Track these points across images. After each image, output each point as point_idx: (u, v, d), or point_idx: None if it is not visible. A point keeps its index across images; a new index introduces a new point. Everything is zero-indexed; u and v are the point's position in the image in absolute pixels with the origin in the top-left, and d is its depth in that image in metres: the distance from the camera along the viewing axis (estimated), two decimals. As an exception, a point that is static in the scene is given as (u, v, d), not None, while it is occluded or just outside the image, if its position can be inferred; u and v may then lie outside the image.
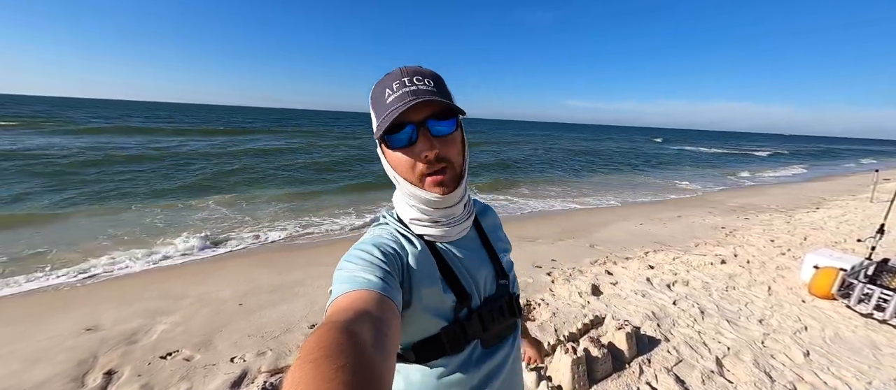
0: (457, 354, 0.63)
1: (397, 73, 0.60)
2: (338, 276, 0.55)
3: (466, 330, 0.63)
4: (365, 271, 0.54)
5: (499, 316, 0.68)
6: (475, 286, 0.66)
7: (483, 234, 0.73)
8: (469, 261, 0.67)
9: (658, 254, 4.54)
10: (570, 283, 3.51)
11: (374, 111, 0.61)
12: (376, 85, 0.62)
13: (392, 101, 0.58)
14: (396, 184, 0.65)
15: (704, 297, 3.20)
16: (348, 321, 0.42)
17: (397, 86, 0.58)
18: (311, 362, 0.32)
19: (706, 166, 19.51)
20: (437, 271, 0.63)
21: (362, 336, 0.40)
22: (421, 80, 0.59)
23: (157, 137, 19.58)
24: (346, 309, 0.46)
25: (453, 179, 0.61)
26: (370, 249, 0.59)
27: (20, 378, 2.20)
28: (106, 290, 3.61)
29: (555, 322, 2.72)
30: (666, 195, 10.38)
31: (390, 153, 0.61)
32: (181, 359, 2.42)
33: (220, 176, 10.17)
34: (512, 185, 10.97)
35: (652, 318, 2.76)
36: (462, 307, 0.63)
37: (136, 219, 6.06)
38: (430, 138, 0.58)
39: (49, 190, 7.67)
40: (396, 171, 0.62)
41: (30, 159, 10.68)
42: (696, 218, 7.04)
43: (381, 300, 0.49)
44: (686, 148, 35.70)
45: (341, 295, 0.50)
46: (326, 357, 0.33)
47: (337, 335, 0.37)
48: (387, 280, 0.54)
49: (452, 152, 0.61)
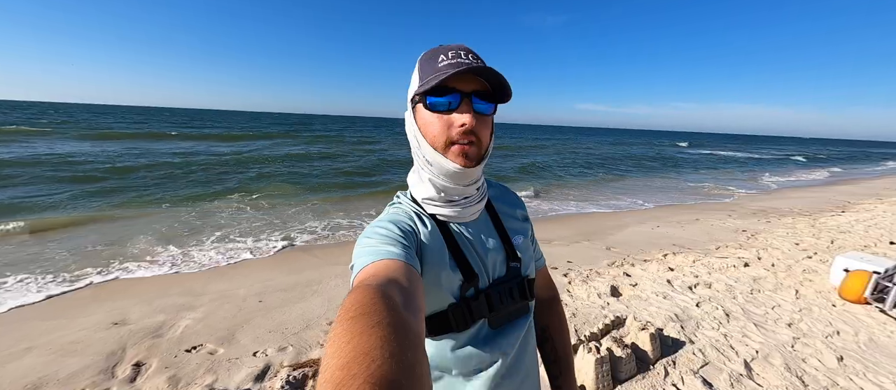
0: (463, 332, 0.64)
1: (456, 45, 0.62)
2: (359, 251, 0.57)
3: (472, 310, 0.64)
4: (385, 243, 0.55)
5: (508, 298, 0.68)
6: (483, 267, 0.67)
7: (496, 217, 0.74)
8: (479, 242, 0.68)
9: (677, 257, 4.44)
10: (588, 284, 3.47)
11: (421, 72, 0.62)
12: (429, 50, 0.64)
13: (446, 67, 0.59)
14: (418, 151, 0.65)
15: (728, 300, 3.12)
16: (379, 284, 0.43)
17: (453, 55, 0.60)
18: (349, 319, 0.34)
19: (724, 169, 19.05)
20: (447, 250, 0.64)
21: (394, 297, 0.41)
22: (476, 58, 0.61)
23: (188, 143, 19.87)
24: (374, 275, 0.47)
25: (477, 156, 0.62)
26: (387, 225, 0.60)
27: (54, 368, 2.27)
28: (133, 287, 3.72)
29: (574, 322, 2.69)
30: (683, 198, 10.17)
31: (424, 114, 0.62)
32: (206, 353, 2.47)
33: (250, 180, 10.32)
34: (528, 188, 10.91)
35: (675, 320, 2.70)
36: (469, 287, 0.64)
37: (222, 220, 6.21)
38: (473, 110, 0.59)
39: (100, 192, 7.94)
40: (424, 134, 0.62)
41: (81, 165, 10.93)
42: (716, 221, 6.87)
43: (406, 267, 0.51)
44: (703, 151, 34.83)
45: (366, 265, 0.52)
46: (363, 314, 0.35)
47: (372, 295, 0.39)
48: (407, 250, 0.55)
49: (484, 132, 0.62)
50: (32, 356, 2.42)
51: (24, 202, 6.86)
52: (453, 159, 0.61)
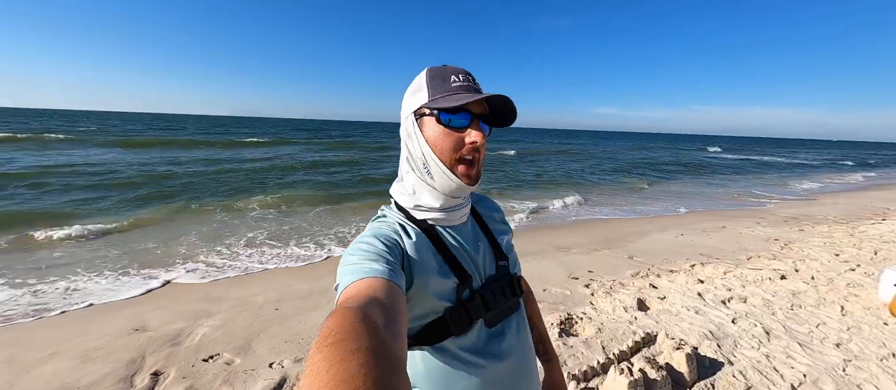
0: (462, 335, 0.65)
1: (462, 70, 0.67)
2: (342, 270, 0.57)
3: (470, 311, 0.66)
4: (367, 260, 0.56)
5: (500, 296, 0.71)
6: (475, 267, 0.69)
7: (480, 219, 0.77)
8: (469, 244, 0.71)
9: (706, 268, 4.22)
10: (613, 296, 3.31)
11: (431, 87, 0.65)
12: (435, 68, 0.67)
13: (458, 89, 0.64)
14: (422, 160, 0.66)
15: (767, 316, 2.91)
16: (360, 306, 0.43)
17: (463, 78, 0.65)
18: (328, 345, 0.33)
19: (751, 174, 18.31)
20: (438, 255, 0.66)
21: (375, 319, 0.41)
22: (477, 85, 0.67)
23: (215, 150, 20.00)
24: (356, 296, 0.48)
25: (478, 174, 0.67)
26: (370, 240, 0.61)
27: (75, 375, 2.28)
28: (156, 293, 3.77)
29: (601, 338, 2.55)
30: (708, 204, 9.79)
31: (434, 127, 0.65)
32: (223, 363, 2.44)
33: (279, 186, 10.35)
34: (549, 193, 10.72)
35: (710, 338, 2.53)
36: (464, 288, 0.66)
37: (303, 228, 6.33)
38: (481, 129, 0.65)
39: (144, 199, 8.19)
40: (433, 147, 0.65)
41: (110, 174, 11.18)
42: (744, 229, 6.55)
43: (388, 285, 0.51)
44: (737, 156, 33.41)
45: (348, 285, 0.52)
46: (343, 340, 0.34)
47: (352, 319, 0.38)
48: (390, 266, 0.56)
49: (483, 151, 0.67)
50: (57, 361, 2.44)
51: (78, 207, 7.19)
52: (459, 176, 0.65)
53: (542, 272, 4.18)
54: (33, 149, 16.18)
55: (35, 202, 7.55)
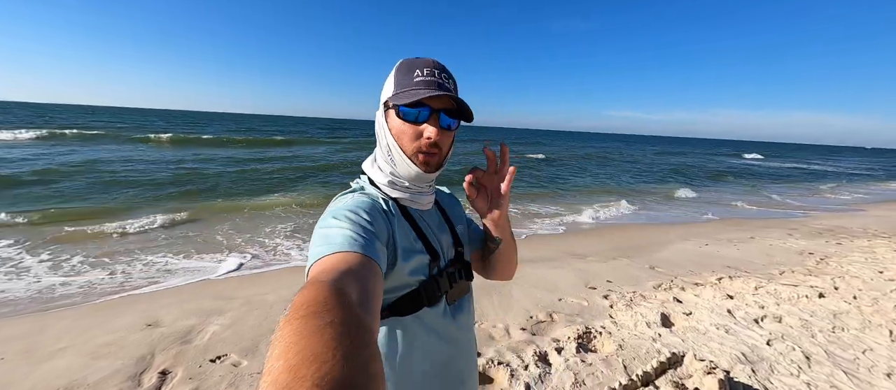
0: (433, 306, 0.70)
1: (430, 62, 0.69)
2: (320, 236, 0.56)
3: (440, 285, 0.72)
4: (348, 230, 0.56)
5: (458, 277, 0.77)
6: (441, 248, 0.75)
7: (442, 210, 0.83)
8: (435, 227, 0.77)
9: (735, 282, 3.96)
10: (633, 310, 3.13)
11: (396, 80, 0.69)
12: (405, 61, 0.70)
13: (420, 82, 0.66)
14: (387, 148, 0.71)
15: (806, 339, 2.68)
16: (334, 280, 0.43)
17: (428, 72, 0.67)
18: (299, 318, 0.33)
19: (780, 182, 17.46)
20: (413, 232, 0.71)
21: (348, 293, 0.40)
22: (447, 79, 0.69)
23: (236, 150, 19.81)
24: (331, 269, 0.47)
25: (437, 164, 0.70)
26: (355, 209, 0.62)
27: (85, 371, 2.29)
28: (172, 287, 3.80)
29: (623, 356, 2.39)
30: (732, 213, 9.34)
31: (396, 120, 0.68)
32: (230, 364, 2.41)
33: (306, 184, 10.48)
34: (563, 196, 10.47)
35: (743, 361, 2.33)
36: (434, 265, 0.71)
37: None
38: (439, 126, 0.67)
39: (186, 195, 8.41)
40: (395, 138, 0.69)
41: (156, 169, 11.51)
42: (774, 240, 6.18)
43: (365, 260, 0.51)
44: (772, 163, 31.85)
45: (325, 255, 0.51)
46: (315, 314, 0.33)
47: (325, 292, 0.37)
48: (371, 239, 0.56)
49: (446, 143, 0.70)
50: (68, 356, 2.46)
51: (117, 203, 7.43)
52: (417, 164, 0.69)
53: (557, 280, 4.02)
54: (76, 144, 16.98)
55: (101, 195, 7.92)
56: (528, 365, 2.26)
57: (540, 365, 2.25)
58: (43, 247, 4.74)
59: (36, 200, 7.20)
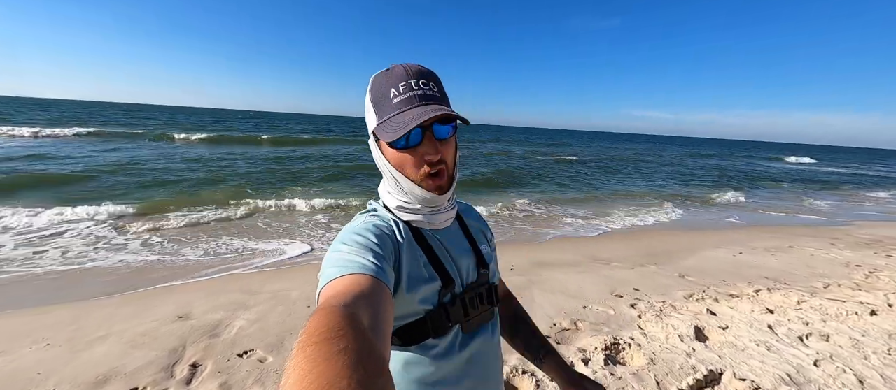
0: (440, 337, 0.65)
1: (402, 72, 0.62)
2: (332, 259, 0.56)
3: (450, 314, 0.66)
4: (359, 255, 0.55)
5: (479, 303, 0.71)
6: (458, 272, 0.69)
7: (465, 227, 0.78)
8: (453, 248, 0.71)
9: (774, 295, 3.72)
10: (664, 321, 2.99)
11: (375, 106, 0.63)
12: (377, 78, 0.64)
13: (400, 103, 0.60)
14: (390, 177, 0.67)
15: (858, 360, 2.48)
16: (346, 304, 0.43)
17: (404, 87, 0.61)
18: (312, 345, 0.33)
19: (820, 186, 16.41)
20: (424, 256, 0.66)
21: (360, 319, 0.40)
22: (426, 84, 0.62)
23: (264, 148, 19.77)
24: (343, 292, 0.47)
25: (449, 180, 0.65)
26: (364, 233, 0.60)
27: (123, 360, 2.39)
28: (203, 279, 3.94)
29: (654, 371, 2.27)
30: (766, 220, 8.84)
31: (390, 151, 0.63)
32: (256, 360, 2.46)
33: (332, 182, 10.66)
34: (580, 200, 10.22)
35: (788, 383, 2.18)
36: (446, 292, 0.66)
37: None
38: (435, 141, 0.61)
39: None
40: (395, 167, 0.64)
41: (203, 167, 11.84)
42: (815, 250, 5.80)
43: (376, 284, 0.50)
44: (826, 168, 29.85)
45: (336, 278, 0.51)
46: (328, 340, 0.33)
47: (337, 318, 0.37)
48: (381, 264, 0.55)
49: (449, 154, 0.64)
50: (107, 344, 2.58)
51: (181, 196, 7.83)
52: (427, 188, 0.64)
53: (580, 286, 3.90)
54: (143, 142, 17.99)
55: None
56: (554, 375, 2.19)
57: (566, 377, 2.18)
58: (140, 231, 5.40)
59: (119, 192, 7.81)
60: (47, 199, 6.69)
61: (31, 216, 5.64)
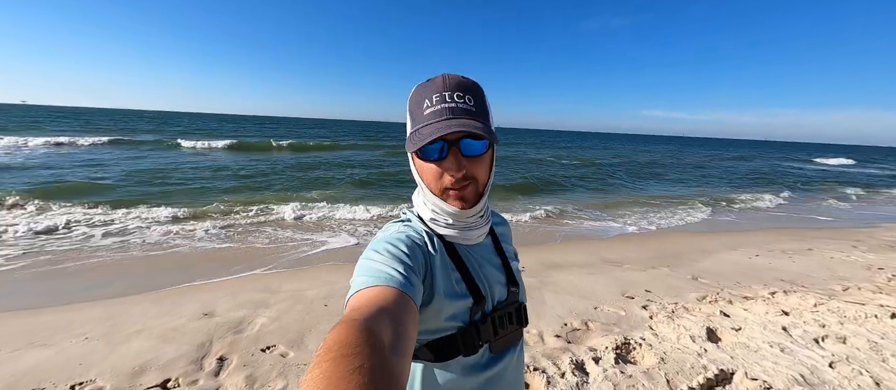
0: (469, 356, 0.64)
1: (440, 83, 0.61)
2: (362, 267, 0.56)
3: (480, 333, 0.64)
4: (388, 265, 0.55)
5: (508, 323, 0.69)
6: (490, 290, 0.68)
7: (497, 242, 0.76)
8: (485, 265, 0.70)
9: (790, 297, 3.68)
10: (675, 322, 3.00)
11: (411, 117, 0.64)
12: (417, 89, 0.64)
13: (430, 115, 0.60)
14: (420, 188, 0.68)
15: (876, 363, 2.45)
16: (368, 318, 0.43)
17: (437, 99, 0.60)
18: (329, 360, 0.33)
19: (841, 186, 15.88)
20: (456, 272, 0.65)
21: (381, 335, 0.40)
22: (461, 97, 0.60)
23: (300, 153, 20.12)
24: (366, 305, 0.47)
25: (475, 195, 0.64)
26: (396, 243, 0.60)
27: (156, 353, 2.55)
28: (224, 279, 4.12)
29: (665, 370, 2.30)
30: (788, 222, 8.64)
31: (419, 162, 0.64)
32: (278, 354, 2.58)
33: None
34: (589, 202, 10.17)
35: (802, 384, 2.18)
36: (477, 310, 0.65)
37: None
38: (460, 157, 0.61)
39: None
40: (422, 179, 0.65)
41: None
42: (836, 253, 5.66)
43: (402, 297, 0.50)
44: (841, 166, 28.74)
45: (363, 288, 0.51)
46: (344, 356, 0.34)
47: (356, 334, 0.37)
48: (409, 276, 0.54)
49: (479, 171, 0.63)
50: (141, 339, 2.75)
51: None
52: (452, 203, 0.64)
53: (592, 287, 3.93)
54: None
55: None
56: (565, 372, 2.24)
57: (577, 374, 2.23)
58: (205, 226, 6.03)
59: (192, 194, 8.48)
60: (106, 202, 7.17)
61: (103, 216, 6.26)
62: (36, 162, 12.00)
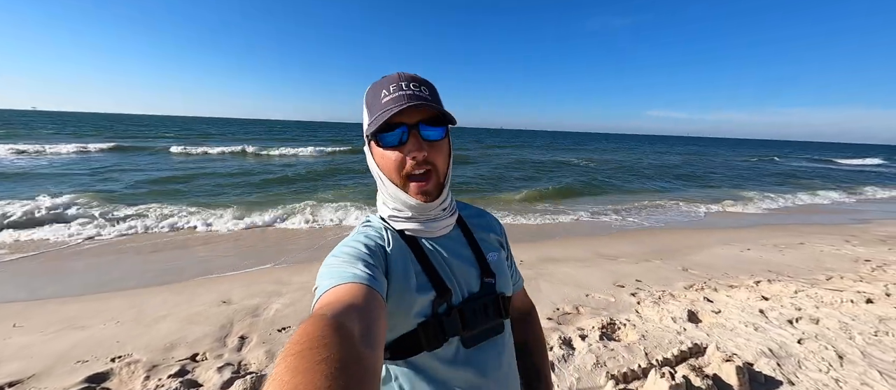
0: (437, 350, 0.62)
1: (396, 77, 0.63)
2: (323, 272, 0.56)
3: (445, 326, 0.62)
4: (350, 265, 0.55)
5: (482, 315, 0.67)
6: (456, 282, 0.66)
7: (469, 233, 0.73)
8: (452, 256, 0.68)
9: (774, 285, 3.87)
10: (660, 306, 3.21)
11: (368, 109, 0.64)
12: (373, 85, 0.65)
13: (387, 102, 0.60)
14: (380, 184, 0.67)
15: (843, 341, 2.65)
16: (336, 314, 0.42)
17: (394, 88, 0.61)
18: (293, 355, 0.33)
19: (840, 183, 15.91)
20: (418, 265, 0.64)
21: (350, 328, 0.40)
22: (417, 87, 0.62)
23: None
24: (333, 303, 0.47)
25: (437, 187, 0.64)
26: (354, 244, 0.61)
27: (184, 333, 2.81)
28: (235, 273, 4.39)
29: (645, 345, 2.53)
30: (786, 218, 8.77)
31: (378, 151, 0.64)
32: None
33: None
34: (592, 200, 10.35)
35: (769, 356, 2.39)
36: (441, 302, 0.63)
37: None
38: (421, 140, 0.60)
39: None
40: (382, 171, 0.64)
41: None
42: (827, 246, 5.82)
43: (368, 292, 0.50)
44: (859, 166, 27.91)
45: (328, 289, 0.51)
46: (310, 349, 0.33)
47: (322, 327, 0.37)
48: (372, 272, 0.55)
49: (439, 158, 0.63)
50: (169, 322, 3.01)
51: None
52: (413, 195, 0.63)
53: (586, 278, 4.14)
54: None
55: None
56: (553, 347, 2.47)
57: (564, 348, 2.46)
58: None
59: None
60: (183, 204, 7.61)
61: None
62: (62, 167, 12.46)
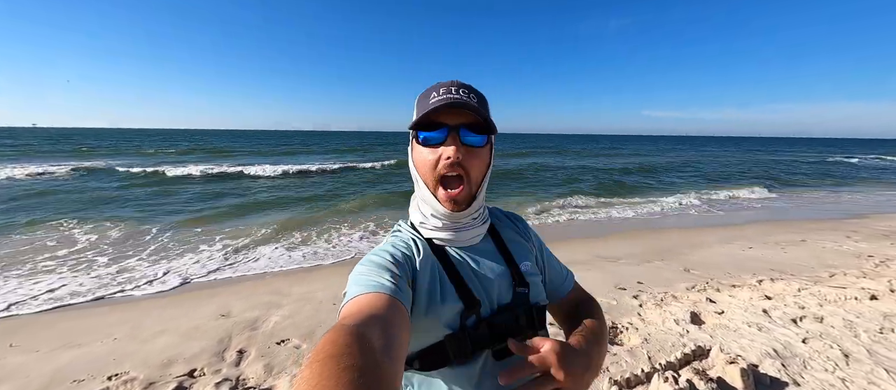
0: (463, 365, 0.60)
1: (448, 82, 0.65)
2: (351, 279, 0.57)
3: (473, 339, 0.61)
4: (376, 274, 0.56)
5: (514, 326, 0.64)
6: (485, 293, 0.64)
7: (500, 242, 0.72)
8: (481, 267, 0.66)
9: (777, 284, 3.84)
10: (663, 308, 3.18)
11: (416, 108, 0.66)
12: (425, 90, 0.67)
13: (434, 102, 0.62)
14: (415, 184, 0.68)
15: (848, 339, 2.62)
16: (359, 324, 0.43)
17: (444, 91, 0.63)
18: (318, 362, 0.34)
19: (841, 178, 15.90)
20: (445, 275, 0.63)
21: (371, 338, 0.40)
22: (466, 93, 0.63)
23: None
24: (357, 312, 0.48)
25: (467, 198, 0.63)
26: (382, 253, 0.61)
27: (181, 349, 2.78)
28: (235, 285, 4.37)
29: (647, 348, 2.50)
30: (785, 215, 8.75)
31: (418, 149, 0.65)
32: (292, 346, 2.80)
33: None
34: (593, 199, 10.34)
35: (773, 356, 2.36)
36: (469, 314, 0.61)
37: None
38: (459, 143, 0.61)
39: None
40: (418, 169, 0.65)
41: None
42: (829, 243, 5.79)
43: (392, 303, 0.51)
44: (828, 158, 28.16)
45: (353, 297, 0.52)
46: (333, 357, 0.34)
47: (346, 337, 0.38)
48: (397, 283, 0.55)
49: (475, 165, 0.63)
50: (166, 337, 2.98)
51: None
52: (442, 202, 0.63)
53: (586, 281, 4.08)
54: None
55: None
56: (555, 353, 2.44)
57: (566, 354, 2.43)
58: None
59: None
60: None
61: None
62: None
